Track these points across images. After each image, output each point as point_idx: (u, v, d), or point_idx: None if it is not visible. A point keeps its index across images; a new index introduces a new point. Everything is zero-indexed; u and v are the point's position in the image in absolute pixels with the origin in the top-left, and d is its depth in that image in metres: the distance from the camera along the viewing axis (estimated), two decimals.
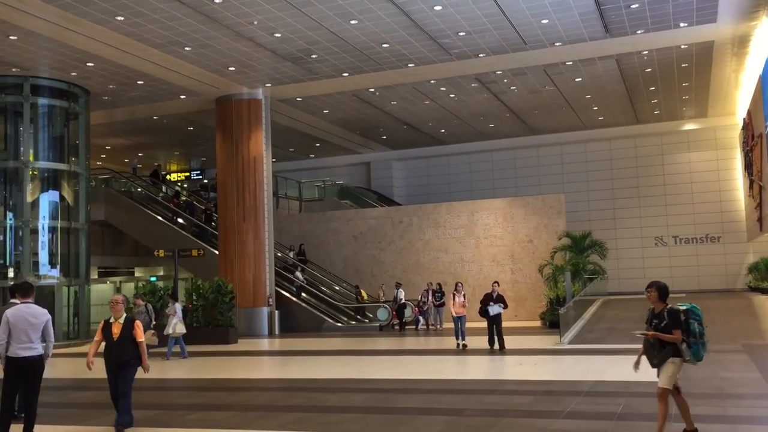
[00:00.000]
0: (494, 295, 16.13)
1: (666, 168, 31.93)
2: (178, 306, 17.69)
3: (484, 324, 16.35)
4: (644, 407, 8.98)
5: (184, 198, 30.01)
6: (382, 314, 24.26)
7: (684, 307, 6.87)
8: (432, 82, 23.58)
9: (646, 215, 31.95)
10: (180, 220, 27.30)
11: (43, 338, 7.89)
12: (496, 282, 17.13)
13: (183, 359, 16.82)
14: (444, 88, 24.55)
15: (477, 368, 13.68)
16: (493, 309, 15.80)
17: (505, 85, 24.42)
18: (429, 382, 12.07)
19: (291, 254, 27.15)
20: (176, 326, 17.09)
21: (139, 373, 8.63)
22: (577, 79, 24.05)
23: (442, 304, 23.00)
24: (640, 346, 7.18)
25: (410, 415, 8.93)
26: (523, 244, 26.16)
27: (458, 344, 16.76)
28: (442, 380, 12.23)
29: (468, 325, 17.17)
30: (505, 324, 16.47)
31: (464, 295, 17.44)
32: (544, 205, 26.22)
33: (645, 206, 31.99)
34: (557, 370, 12.43)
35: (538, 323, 22.70)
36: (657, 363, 6.91)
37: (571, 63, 22.16)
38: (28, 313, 7.83)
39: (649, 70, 23.24)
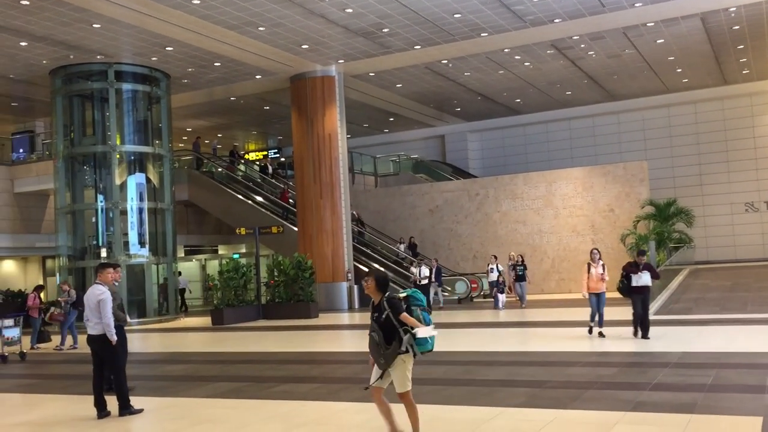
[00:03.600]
0: (641, 263, 12.53)
1: (756, 130, 30.43)
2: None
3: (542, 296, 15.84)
4: (736, 378, 8.68)
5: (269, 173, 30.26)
6: (461, 287, 24.20)
7: (404, 294, 6.15)
8: (506, 50, 23.12)
9: (736, 180, 30.58)
10: (260, 199, 27.88)
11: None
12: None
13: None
14: (518, 57, 24.03)
15: (558, 341, 13.49)
16: (641, 278, 12.33)
17: (583, 50, 23.70)
18: (510, 354, 11.99)
19: (402, 247, 27.05)
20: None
21: (209, 346, 8.91)
22: (659, 41, 23.09)
23: (524, 278, 20.96)
24: (731, 315, 6.88)
25: (491, 387, 8.90)
26: (603, 213, 25.51)
27: (591, 328, 13.32)
28: (523, 353, 12.13)
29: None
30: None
31: (603, 266, 13.31)
32: (626, 173, 25.45)
33: (734, 171, 30.62)
34: (642, 341, 12.10)
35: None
36: (385, 363, 6.00)
37: (652, 24, 21.27)
38: (91, 293, 8.38)
39: (737, 27, 22.07)
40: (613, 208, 25.38)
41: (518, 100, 30.92)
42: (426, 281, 20.70)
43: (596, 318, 13.13)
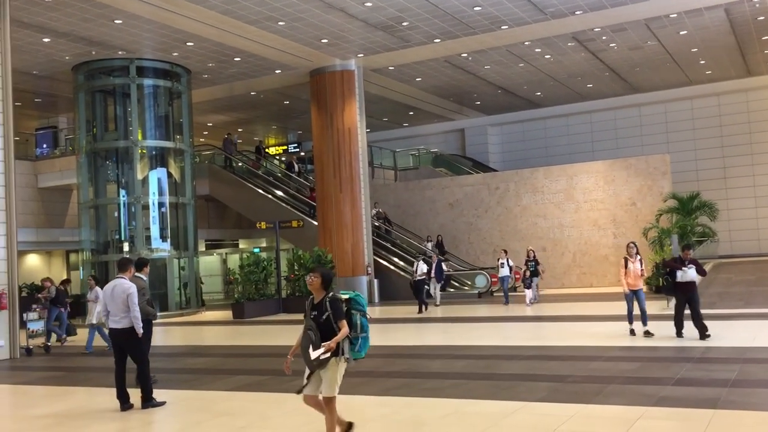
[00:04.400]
0: (687, 258, 11.69)
1: None
2: (100, 291, 14.48)
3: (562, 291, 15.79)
4: (760, 373, 8.58)
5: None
6: (480, 281, 24.14)
7: (346, 296, 5.95)
8: (526, 43, 22.96)
9: (761, 173, 30.17)
10: (280, 193, 27.97)
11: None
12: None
13: (87, 352, 14.57)
14: (539, 50, 23.86)
15: (580, 335, 13.41)
16: (687, 274, 11.50)
17: (604, 42, 23.47)
18: (531, 348, 11.95)
19: (429, 245, 27.00)
20: (101, 314, 14.75)
21: (230, 340, 8.96)
22: (682, 32, 22.80)
23: (536, 274, 19.93)
24: (755, 310, 6.79)
25: (512, 381, 8.87)
26: (625, 207, 25.30)
27: (632, 330, 12.27)
28: (544, 347, 12.07)
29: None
30: (608, 290, 15.84)
31: (641, 261, 12.63)
32: (648, 166, 25.20)
33: (759, 164, 30.20)
34: (665, 335, 11.99)
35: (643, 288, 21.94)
36: (318, 364, 5.76)
37: (675, 15, 21.01)
38: (114, 288, 8.43)
39: (762, 18, 21.73)
40: (635, 202, 25.16)
41: (539, 93, 30.71)
42: (422, 277, 19.95)
43: (633, 319, 12.29)
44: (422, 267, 20.14)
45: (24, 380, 11.68)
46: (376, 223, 27.39)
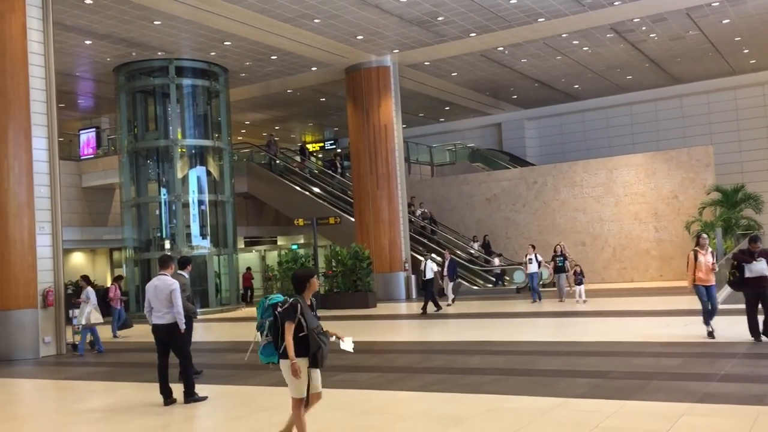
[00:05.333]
0: (756, 251, 10.56)
1: None
2: (92, 291, 14.96)
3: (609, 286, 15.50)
4: None
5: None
6: (519, 276, 23.96)
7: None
8: (564, 35, 22.67)
9: None
10: (317, 190, 28.10)
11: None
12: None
13: (99, 353, 14.38)
14: (577, 42, 23.55)
15: (620, 330, 13.23)
16: (755, 267, 10.40)
17: (644, 33, 23.05)
18: (570, 344, 11.82)
19: (475, 246, 26.76)
20: (91, 315, 14.39)
21: None
22: (724, 21, 22.27)
23: (563, 269, 19.29)
24: None
25: (552, 377, 8.79)
26: (667, 200, 24.84)
27: (711, 332, 11.08)
28: (583, 342, 11.93)
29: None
30: (649, 284, 15.51)
31: (713, 254, 11.79)
32: (690, 159, 24.70)
33: None
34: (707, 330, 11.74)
35: (685, 282, 21.54)
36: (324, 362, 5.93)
37: (717, 4, 20.53)
38: (157, 284, 8.53)
39: None
40: (677, 195, 24.70)
41: (577, 86, 30.31)
42: (431, 276, 18.69)
43: (709, 319, 11.16)
44: (431, 266, 18.98)
45: (70, 376, 11.95)
46: (422, 223, 27.28)
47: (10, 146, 14.35)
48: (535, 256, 19.91)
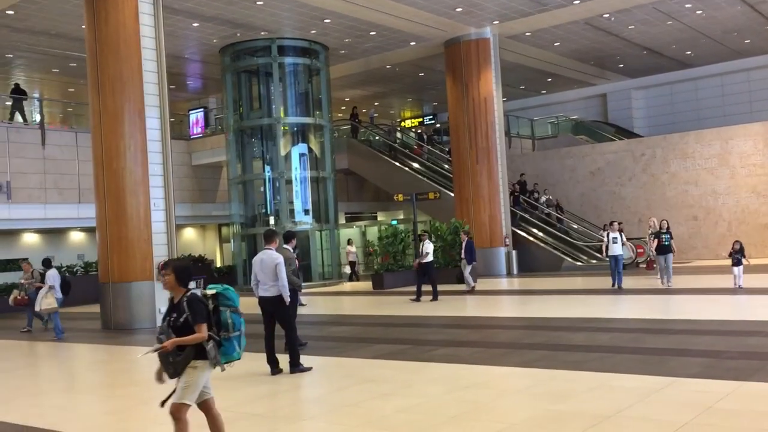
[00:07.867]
0: None
1: None
2: (54, 273, 13.87)
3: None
4: None
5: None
6: (625, 253, 23.12)
7: (213, 291, 5.13)
8: None
9: None
10: (416, 165, 28.11)
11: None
12: None
13: (57, 340, 13.48)
14: (689, 5, 22.29)
15: (733, 309, 12.58)
16: None
17: None
18: (680, 322, 11.35)
19: (604, 234, 26.12)
20: (44, 300, 13.39)
21: (370, 309, 9.13)
22: None
23: (670, 250, 16.29)
24: None
25: (662, 356, 8.47)
26: None
27: None
28: (694, 320, 11.42)
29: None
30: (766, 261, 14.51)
31: None
32: None
33: None
34: None
35: None
36: (174, 372, 4.95)
37: None
38: (263, 258, 8.77)
39: None
40: None
41: (689, 53, 28.75)
42: (429, 258, 16.89)
43: None
44: (427, 247, 17.00)
45: None
46: (546, 211, 26.68)
47: (126, 127, 15.13)
48: (621, 235, 17.26)
